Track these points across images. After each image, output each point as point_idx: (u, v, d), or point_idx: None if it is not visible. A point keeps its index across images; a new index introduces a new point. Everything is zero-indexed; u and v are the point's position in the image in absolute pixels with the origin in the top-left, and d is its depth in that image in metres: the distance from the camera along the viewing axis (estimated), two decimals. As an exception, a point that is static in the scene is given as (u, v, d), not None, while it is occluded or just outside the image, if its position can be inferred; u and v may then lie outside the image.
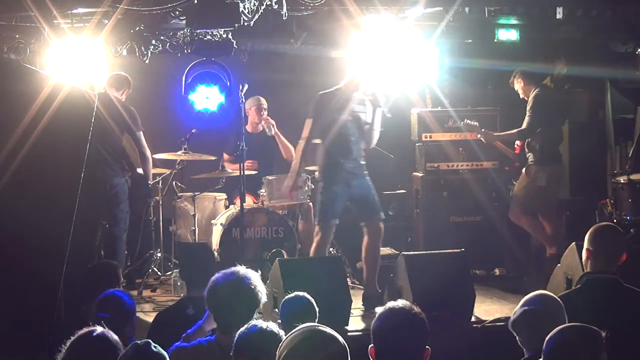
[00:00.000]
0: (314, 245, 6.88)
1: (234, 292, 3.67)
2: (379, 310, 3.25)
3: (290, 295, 4.46)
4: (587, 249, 4.60)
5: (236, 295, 3.66)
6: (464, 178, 8.03)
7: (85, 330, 3.24)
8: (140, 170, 7.56)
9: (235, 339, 3.24)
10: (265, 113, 8.39)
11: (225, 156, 8.60)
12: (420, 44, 7.60)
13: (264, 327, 3.25)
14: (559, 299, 3.98)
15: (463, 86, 8.60)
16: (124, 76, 7.59)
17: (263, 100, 8.42)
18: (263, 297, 3.75)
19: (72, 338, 3.21)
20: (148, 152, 7.52)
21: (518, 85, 7.77)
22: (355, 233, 8.49)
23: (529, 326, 3.62)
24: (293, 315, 4.27)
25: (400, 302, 3.20)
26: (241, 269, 3.77)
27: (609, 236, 4.66)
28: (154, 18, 6.56)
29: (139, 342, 3.12)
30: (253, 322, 3.32)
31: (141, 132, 7.44)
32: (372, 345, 3.10)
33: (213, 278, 3.87)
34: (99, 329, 3.25)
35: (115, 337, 3.24)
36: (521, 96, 7.76)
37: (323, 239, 6.82)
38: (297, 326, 2.91)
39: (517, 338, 3.90)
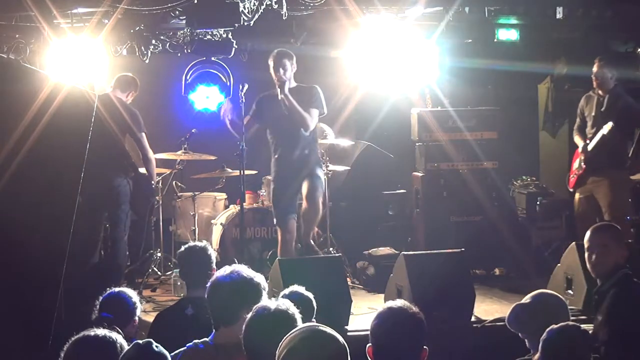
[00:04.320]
0: None
1: (234, 290, 3.66)
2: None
3: (287, 290, 4.46)
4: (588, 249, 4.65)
5: (235, 293, 3.65)
6: (464, 178, 8.03)
7: (88, 330, 3.24)
8: (143, 171, 7.55)
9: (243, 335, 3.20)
10: None
11: None
12: (420, 43, 7.61)
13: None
14: (560, 297, 4.02)
15: (463, 86, 8.60)
16: (131, 78, 7.56)
17: None
18: (264, 297, 3.74)
19: (74, 338, 3.21)
20: (150, 154, 7.50)
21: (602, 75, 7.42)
22: (356, 233, 8.53)
23: (518, 318, 3.64)
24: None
25: (398, 302, 3.20)
26: (243, 268, 3.77)
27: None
28: (154, 18, 6.56)
29: (140, 341, 3.12)
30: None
31: (143, 134, 7.41)
32: (369, 344, 3.11)
33: (214, 276, 3.86)
34: (100, 330, 3.25)
35: (120, 337, 3.23)
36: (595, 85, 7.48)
37: None
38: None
39: (520, 335, 3.93)
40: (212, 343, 3.62)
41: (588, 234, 4.78)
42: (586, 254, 4.75)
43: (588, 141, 7.45)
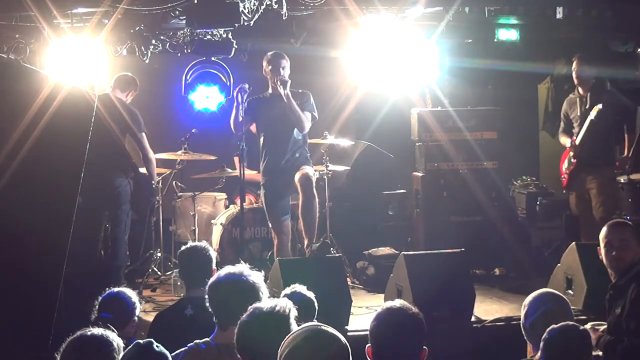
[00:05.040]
0: None
1: (235, 290, 3.66)
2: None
3: (288, 290, 4.46)
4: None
5: (237, 293, 3.65)
6: (464, 178, 8.03)
7: (83, 330, 3.24)
8: (143, 171, 7.55)
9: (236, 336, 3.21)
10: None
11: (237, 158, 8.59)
12: (420, 43, 7.61)
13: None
14: (563, 296, 4.03)
15: (463, 86, 8.60)
16: (131, 77, 7.56)
17: None
18: (265, 297, 3.74)
19: (70, 337, 3.21)
20: (151, 154, 7.50)
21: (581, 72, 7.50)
22: (356, 233, 8.53)
23: (547, 326, 3.62)
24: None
25: (397, 302, 3.21)
26: (244, 268, 3.77)
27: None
28: (154, 18, 6.56)
29: (141, 341, 3.12)
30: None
31: (143, 134, 7.41)
32: (369, 344, 3.11)
33: (216, 275, 3.86)
34: (96, 329, 3.24)
35: (115, 336, 3.23)
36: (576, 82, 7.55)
37: None
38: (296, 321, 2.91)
39: (525, 336, 3.91)
40: (213, 343, 3.62)
41: (605, 229, 4.74)
42: (603, 250, 4.70)
43: (573, 139, 7.52)
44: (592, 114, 7.30)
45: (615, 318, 4.48)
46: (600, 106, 7.25)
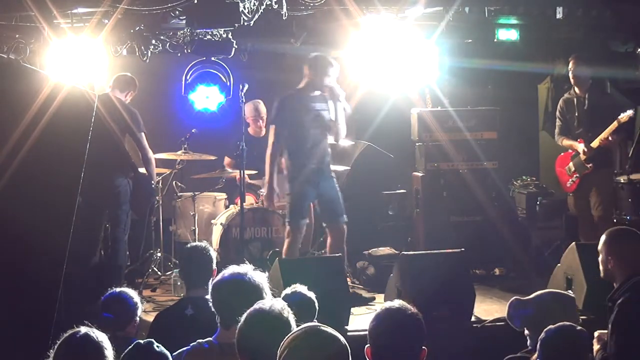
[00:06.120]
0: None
1: (238, 290, 3.67)
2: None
3: (289, 290, 4.46)
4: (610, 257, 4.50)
5: (240, 293, 3.65)
6: (464, 178, 8.03)
7: (73, 330, 3.24)
8: (143, 171, 7.55)
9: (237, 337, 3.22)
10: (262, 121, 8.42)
11: (227, 159, 8.59)
12: (420, 43, 7.61)
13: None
14: (569, 294, 4.00)
15: (463, 86, 8.60)
16: (130, 77, 7.55)
17: (261, 108, 8.43)
18: (268, 298, 3.74)
19: (61, 338, 3.21)
20: (150, 154, 7.50)
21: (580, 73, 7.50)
22: (356, 233, 8.52)
23: (542, 323, 3.61)
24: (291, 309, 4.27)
25: (396, 303, 3.21)
26: (249, 268, 3.77)
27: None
28: (154, 18, 6.56)
29: (141, 341, 3.12)
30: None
31: (143, 134, 7.41)
32: (368, 345, 3.11)
33: (220, 274, 3.87)
34: (83, 329, 3.24)
35: (102, 336, 3.22)
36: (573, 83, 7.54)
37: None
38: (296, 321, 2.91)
39: (526, 333, 3.92)
40: (216, 342, 3.62)
41: (604, 237, 4.64)
42: (600, 256, 4.64)
43: (580, 141, 7.48)
44: (623, 119, 7.21)
45: (608, 335, 4.42)
46: (631, 112, 7.20)
